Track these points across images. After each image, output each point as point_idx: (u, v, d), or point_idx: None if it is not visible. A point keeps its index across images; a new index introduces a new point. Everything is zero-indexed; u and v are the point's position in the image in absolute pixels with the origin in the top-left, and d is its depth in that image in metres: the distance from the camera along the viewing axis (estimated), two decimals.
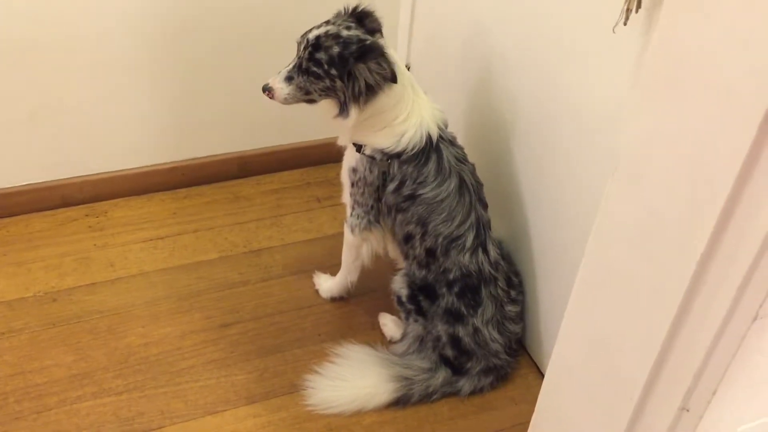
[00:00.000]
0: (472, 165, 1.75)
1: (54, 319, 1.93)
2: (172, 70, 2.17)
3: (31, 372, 1.79)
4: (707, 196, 0.81)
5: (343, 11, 1.66)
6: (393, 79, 1.57)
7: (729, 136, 0.78)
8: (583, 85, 1.51)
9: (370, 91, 1.57)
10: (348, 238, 1.87)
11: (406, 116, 1.64)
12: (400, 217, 1.72)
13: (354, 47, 1.57)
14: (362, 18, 1.64)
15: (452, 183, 1.67)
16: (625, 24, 1.25)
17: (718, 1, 0.76)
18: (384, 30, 1.69)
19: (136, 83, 2.15)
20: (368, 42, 1.58)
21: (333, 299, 2.03)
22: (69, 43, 2.01)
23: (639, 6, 1.22)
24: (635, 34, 1.29)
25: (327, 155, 2.31)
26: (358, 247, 1.87)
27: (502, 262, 1.78)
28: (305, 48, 1.60)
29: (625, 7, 1.24)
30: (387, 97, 1.60)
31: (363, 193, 1.75)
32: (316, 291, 2.05)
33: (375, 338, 1.93)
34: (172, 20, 2.07)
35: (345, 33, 1.59)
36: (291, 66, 1.64)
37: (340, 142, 1.77)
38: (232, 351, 1.89)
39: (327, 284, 2.03)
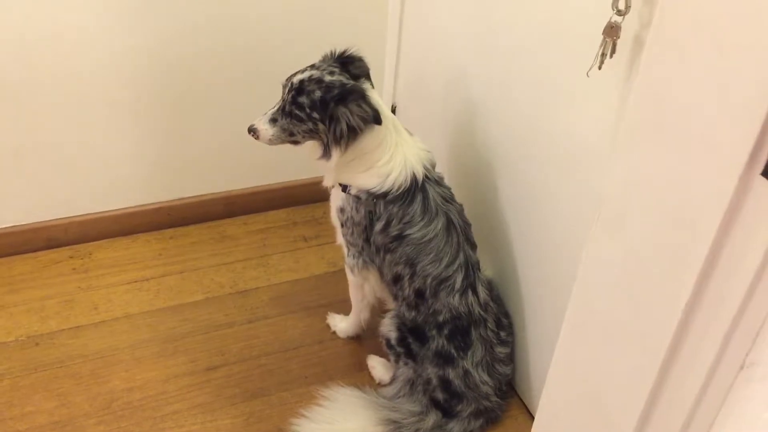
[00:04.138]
0: (460, 205, 1.75)
1: (36, 364, 1.89)
2: (158, 110, 2.17)
3: (11, 419, 1.76)
4: (691, 244, 0.81)
5: (329, 54, 1.67)
6: (376, 120, 1.59)
7: (711, 184, 0.78)
8: (567, 126, 1.52)
9: (352, 133, 1.59)
10: (350, 278, 1.88)
11: (389, 157, 1.64)
12: (388, 257, 1.72)
13: (336, 91, 1.58)
14: (348, 63, 1.66)
15: (439, 223, 1.67)
16: (599, 68, 1.26)
17: (697, 50, 0.77)
18: (370, 72, 1.70)
19: (121, 123, 2.15)
20: (349, 86, 1.60)
21: (349, 338, 2.03)
22: (54, 83, 2.01)
23: (613, 51, 1.24)
24: (614, 77, 1.30)
25: (313, 194, 2.31)
26: (360, 286, 1.87)
27: (491, 303, 1.77)
28: (289, 91, 1.62)
29: (600, 52, 1.26)
30: (369, 139, 1.61)
31: (352, 233, 1.75)
32: (333, 332, 2.04)
33: (362, 380, 1.91)
34: (157, 61, 2.08)
35: (328, 78, 1.60)
36: (275, 108, 1.65)
37: (326, 183, 1.77)
38: (218, 395, 1.86)
39: (342, 325, 2.03)
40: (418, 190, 1.66)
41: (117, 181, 2.24)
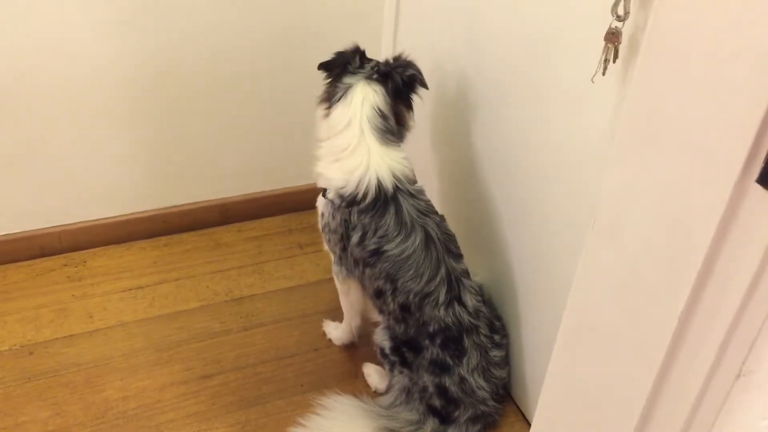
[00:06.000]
0: (440, 217, 1.73)
1: (30, 373, 1.88)
2: (152, 117, 2.16)
3: (5, 429, 1.74)
4: (686, 251, 0.81)
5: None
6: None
7: (706, 192, 0.77)
8: (567, 131, 1.52)
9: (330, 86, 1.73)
10: (337, 285, 1.88)
11: (351, 151, 1.65)
12: (368, 271, 1.71)
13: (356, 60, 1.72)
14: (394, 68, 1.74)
15: (417, 238, 1.65)
16: (603, 74, 1.26)
17: (691, 56, 0.77)
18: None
19: (116, 131, 2.14)
20: (342, 52, 1.71)
21: (344, 345, 2.03)
22: (47, 91, 2.00)
23: (616, 57, 1.24)
24: (616, 83, 1.29)
25: (309, 201, 2.29)
26: (346, 293, 1.87)
27: (483, 309, 1.76)
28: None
29: (603, 58, 1.25)
30: (336, 114, 1.67)
31: (330, 240, 1.76)
32: (329, 340, 2.04)
33: (359, 388, 1.90)
34: (151, 68, 2.07)
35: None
36: None
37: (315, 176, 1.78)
38: (213, 403, 1.85)
39: (336, 332, 2.02)
40: (390, 201, 1.65)
41: (111, 189, 2.24)
